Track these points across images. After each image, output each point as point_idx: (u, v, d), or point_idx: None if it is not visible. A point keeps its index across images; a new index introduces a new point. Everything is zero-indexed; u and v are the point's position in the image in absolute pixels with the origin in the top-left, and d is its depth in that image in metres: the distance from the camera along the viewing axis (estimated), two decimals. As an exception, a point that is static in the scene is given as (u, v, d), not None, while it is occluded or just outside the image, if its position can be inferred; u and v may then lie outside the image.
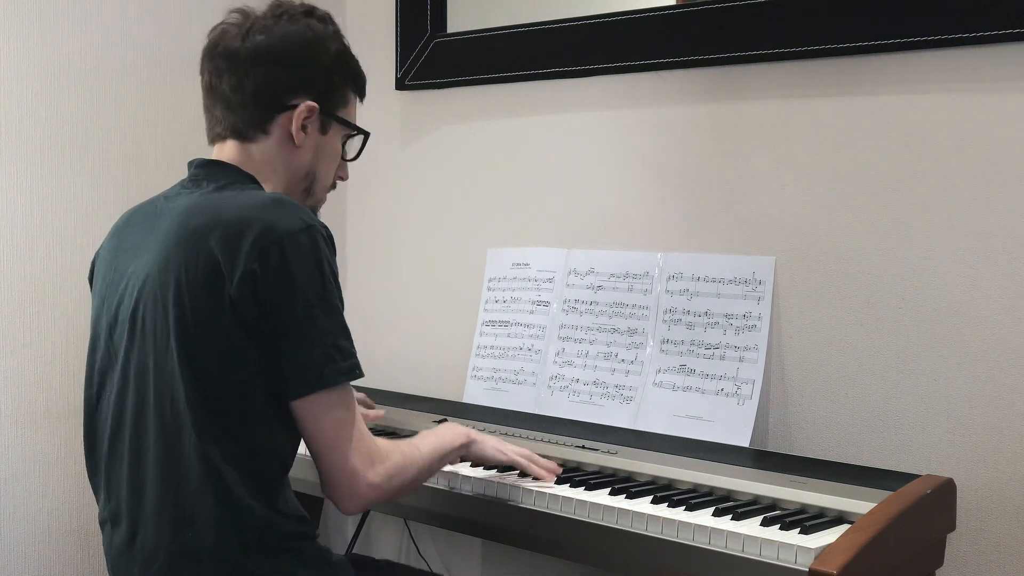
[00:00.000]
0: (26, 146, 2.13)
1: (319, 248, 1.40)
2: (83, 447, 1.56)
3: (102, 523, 1.52)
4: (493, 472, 1.77)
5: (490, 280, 2.32)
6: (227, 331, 1.38)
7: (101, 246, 1.61)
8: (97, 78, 2.23)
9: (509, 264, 2.30)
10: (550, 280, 2.22)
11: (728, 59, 2.01)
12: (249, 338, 1.38)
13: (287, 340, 1.38)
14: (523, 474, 1.75)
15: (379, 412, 2.08)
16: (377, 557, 2.58)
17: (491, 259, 2.34)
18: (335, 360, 1.40)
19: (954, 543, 1.75)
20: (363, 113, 1.68)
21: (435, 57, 2.45)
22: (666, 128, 2.11)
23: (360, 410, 1.51)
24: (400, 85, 2.51)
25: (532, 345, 2.20)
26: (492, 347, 2.27)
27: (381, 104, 2.52)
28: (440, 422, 2.08)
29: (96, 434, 1.53)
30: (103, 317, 1.52)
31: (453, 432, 1.66)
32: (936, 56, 1.79)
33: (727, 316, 1.95)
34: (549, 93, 2.30)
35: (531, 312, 2.23)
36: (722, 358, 1.94)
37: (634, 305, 2.08)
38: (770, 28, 1.94)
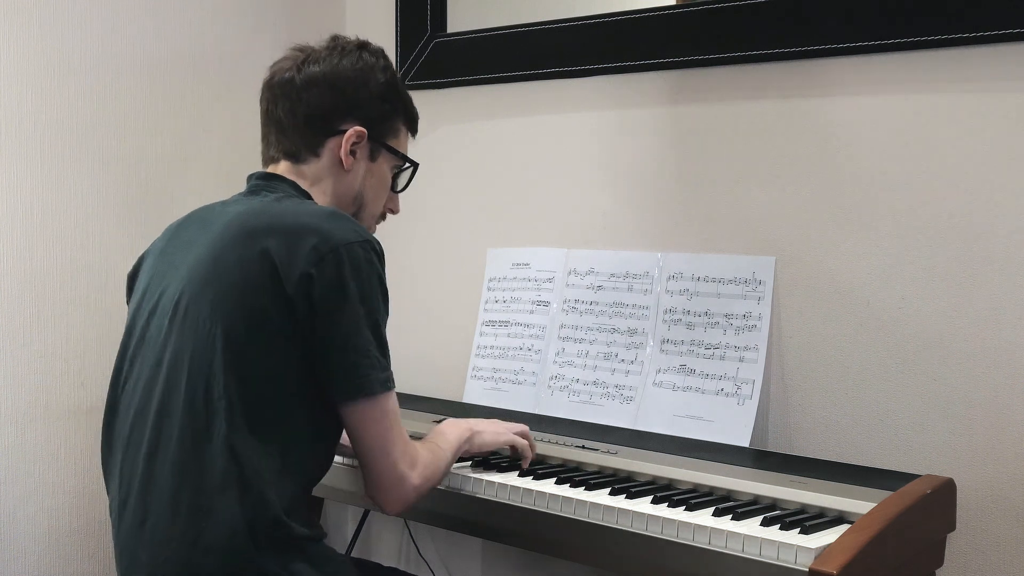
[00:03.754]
0: (26, 146, 2.13)
1: (373, 262, 1.47)
2: (101, 429, 1.58)
3: (111, 508, 1.53)
4: (494, 472, 1.77)
5: (490, 280, 2.32)
6: (276, 330, 1.42)
7: (151, 245, 1.66)
8: (97, 78, 2.23)
9: (509, 264, 2.30)
10: (550, 280, 2.22)
11: (728, 59, 2.01)
12: (296, 339, 1.42)
13: (333, 347, 1.43)
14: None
15: None
16: (378, 558, 2.58)
17: (491, 259, 2.34)
18: (376, 369, 1.46)
19: (954, 543, 1.75)
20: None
21: (435, 57, 2.45)
22: (666, 128, 2.11)
23: None
24: (400, 85, 2.51)
25: (532, 345, 2.20)
26: (492, 347, 2.27)
27: (381, 104, 2.51)
28: (441, 422, 2.08)
29: (117, 417, 1.54)
30: (144, 305, 1.55)
31: (459, 428, 1.72)
32: (936, 56, 1.79)
33: (727, 316, 1.95)
34: (549, 93, 2.30)
35: (531, 312, 2.23)
36: (722, 358, 1.94)
37: (634, 305, 2.08)
38: (770, 28, 1.94)
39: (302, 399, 1.45)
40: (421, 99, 2.50)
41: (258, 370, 1.42)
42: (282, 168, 1.63)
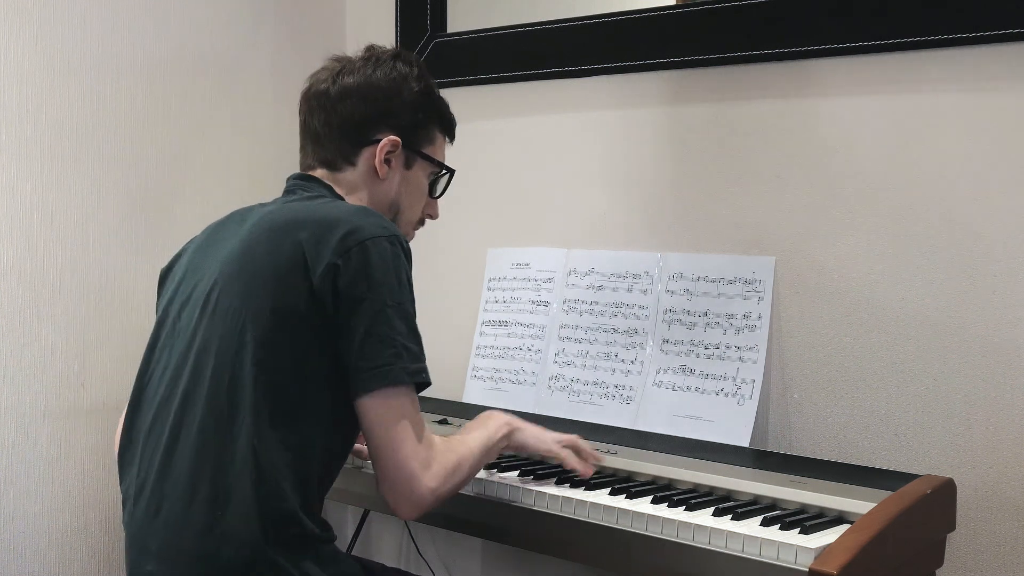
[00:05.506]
0: (26, 146, 2.13)
1: (399, 256, 1.47)
2: (123, 423, 1.58)
3: (125, 498, 1.53)
4: (493, 472, 1.77)
5: (490, 280, 2.32)
6: (303, 321, 1.43)
7: (187, 243, 1.67)
8: (97, 78, 2.23)
9: (509, 264, 2.30)
10: (550, 280, 2.22)
11: (728, 59, 2.01)
12: (323, 331, 1.43)
13: (358, 336, 1.42)
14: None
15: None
16: (378, 558, 2.58)
17: (491, 259, 2.34)
18: (403, 359, 1.44)
19: (954, 543, 1.75)
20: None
21: (435, 57, 2.45)
22: (666, 128, 2.11)
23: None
24: (400, 85, 2.51)
25: (532, 345, 2.20)
26: (492, 347, 2.27)
27: (381, 104, 2.51)
28: (441, 422, 2.08)
29: (141, 406, 1.55)
30: (177, 298, 1.57)
31: (497, 422, 1.68)
32: (936, 56, 1.79)
33: (727, 316, 1.95)
34: (549, 93, 2.30)
35: (531, 312, 2.23)
36: (722, 358, 1.94)
37: (634, 305, 2.08)
38: (770, 28, 1.95)
39: (325, 394, 1.45)
40: (421, 99, 2.52)
41: (284, 362, 1.43)
42: (319, 174, 1.64)
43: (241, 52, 2.46)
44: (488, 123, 2.41)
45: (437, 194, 1.75)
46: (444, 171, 1.73)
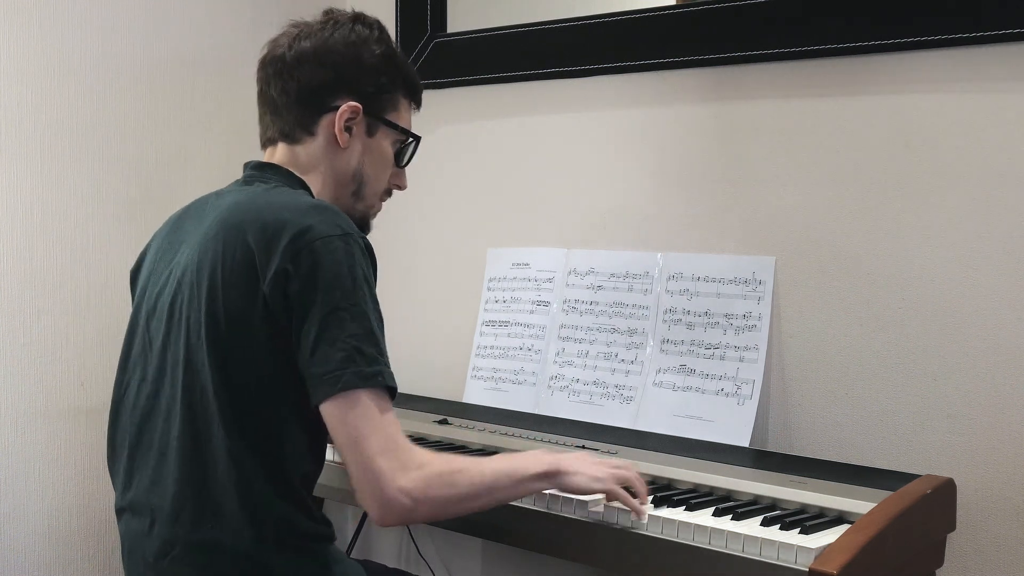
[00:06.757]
0: (26, 146, 2.13)
1: (352, 254, 1.40)
2: (107, 433, 1.57)
3: (119, 511, 1.53)
4: None
5: (490, 280, 2.32)
6: (256, 328, 1.39)
7: (150, 240, 1.64)
8: (97, 78, 2.23)
9: (509, 264, 2.30)
10: (550, 280, 2.22)
11: (728, 59, 2.01)
12: (277, 337, 1.39)
13: (310, 342, 1.37)
14: None
15: None
16: (378, 558, 2.58)
17: (491, 259, 2.34)
18: (356, 363, 1.37)
19: (954, 543, 1.75)
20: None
21: (435, 57, 2.45)
22: (666, 128, 2.12)
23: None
24: (400, 85, 2.51)
25: (532, 345, 2.20)
26: (492, 347, 2.27)
27: (381, 104, 2.51)
28: (441, 422, 2.08)
29: (120, 421, 1.54)
30: (143, 306, 1.54)
31: (536, 459, 1.52)
32: (936, 56, 1.79)
33: (727, 316, 1.95)
34: (549, 93, 2.30)
35: (531, 312, 2.23)
36: (722, 358, 1.94)
37: (634, 305, 2.08)
38: (770, 28, 1.94)
39: (287, 399, 1.40)
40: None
41: (243, 372, 1.40)
42: (279, 152, 1.58)
43: (241, 52, 2.45)
44: (488, 123, 2.41)
45: (403, 163, 1.66)
46: (410, 139, 1.65)
